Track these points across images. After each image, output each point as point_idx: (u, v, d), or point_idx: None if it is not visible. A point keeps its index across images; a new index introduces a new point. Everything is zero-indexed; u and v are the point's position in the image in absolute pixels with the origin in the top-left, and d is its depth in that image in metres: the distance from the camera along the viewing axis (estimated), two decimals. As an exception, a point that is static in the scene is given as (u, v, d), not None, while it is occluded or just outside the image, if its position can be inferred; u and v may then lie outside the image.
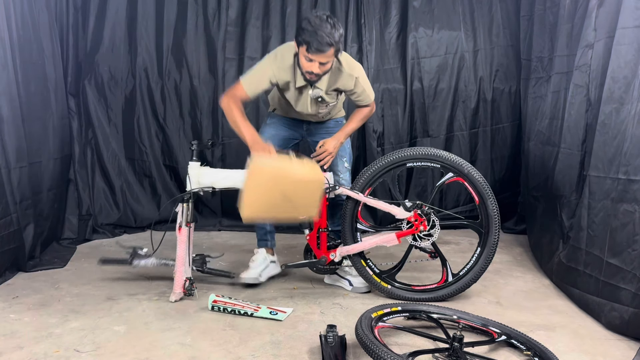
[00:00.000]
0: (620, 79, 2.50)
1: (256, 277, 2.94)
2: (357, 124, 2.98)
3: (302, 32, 2.53)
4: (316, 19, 2.51)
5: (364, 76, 2.85)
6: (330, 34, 2.50)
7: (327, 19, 2.52)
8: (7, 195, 3.01)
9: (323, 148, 2.87)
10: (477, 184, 2.81)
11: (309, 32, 2.50)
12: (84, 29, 4.16)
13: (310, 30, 2.49)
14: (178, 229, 2.83)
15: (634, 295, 2.28)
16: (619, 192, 2.43)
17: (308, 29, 2.50)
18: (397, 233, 2.84)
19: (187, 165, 4.01)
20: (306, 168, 2.63)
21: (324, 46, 2.51)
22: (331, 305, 2.74)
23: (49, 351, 2.20)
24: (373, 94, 2.95)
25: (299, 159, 2.67)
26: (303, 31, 2.53)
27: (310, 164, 2.69)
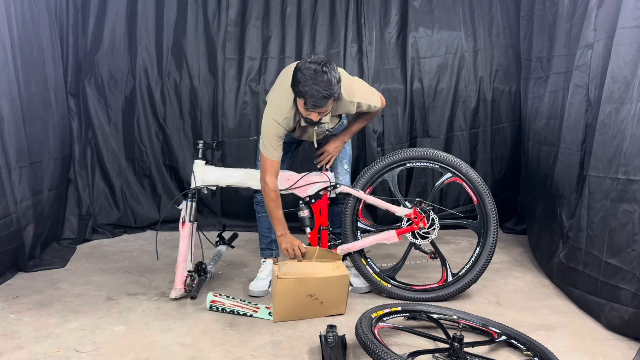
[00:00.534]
0: (620, 79, 2.49)
1: (266, 289, 2.93)
2: (364, 123, 2.95)
3: (298, 85, 2.43)
4: (310, 72, 2.38)
5: (364, 94, 2.75)
6: (326, 86, 2.38)
7: (322, 67, 2.39)
8: (7, 195, 3.01)
9: (323, 149, 2.86)
10: (475, 184, 2.83)
11: (305, 88, 2.40)
12: (84, 29, 4.16)
13: (306, 85, 2.39)
14: (181, 224, 2.88)
15: (633, 295, 2.28)
16: (619, 192, 2.43)
17: (303, 83, 2.40)
18: (397, 230, 2.87)
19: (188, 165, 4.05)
20: (330, 266, 2.65)
21: (321, 101, 2.42)
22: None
23: (48, 351, 2.20)
24: (379, 100, 2.84)
25: (323, 256, 2.72)
26: (298, 84, 2.42)
27: (333, 261, 2.70)
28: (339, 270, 2.62)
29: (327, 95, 2.41)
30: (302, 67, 2.43)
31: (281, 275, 2.50)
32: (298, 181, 2.90)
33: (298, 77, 2.43)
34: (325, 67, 2.41)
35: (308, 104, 2.45)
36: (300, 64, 2.46)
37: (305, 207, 2.89)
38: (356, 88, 2.72)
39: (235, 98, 4.34)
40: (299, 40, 4.35)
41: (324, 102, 2.43)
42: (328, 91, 2.40)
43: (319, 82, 2.38)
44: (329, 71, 2.40)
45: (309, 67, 2.40)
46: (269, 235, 3.04)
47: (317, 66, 2.40)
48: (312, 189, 2.90)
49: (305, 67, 2.41)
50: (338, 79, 2.45)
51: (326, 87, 2.39)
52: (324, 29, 4.34)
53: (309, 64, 2.42)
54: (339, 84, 2.45)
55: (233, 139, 4.33)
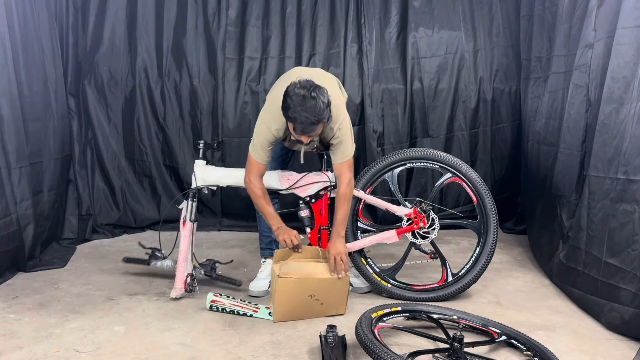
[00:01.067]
0: (620, 79, 2.49)
1: (266, 289, 2.93)
2: (347, 207, 2.72)
3: (287, 110, 2.41)
4: (299, 98, 2.36)
5: (345, 128, 2.64)
6: (314, 112, 2.36)
7: (311, 93, 2.36)
8: (7, 195, 3.01)
9: (334, 255, 2.62)
10: (474, 184, 2.84)
11: (294, 114, 2.38)
12: (83, 29, 4.16)
13: (295, 111, 2.37)
14: (182, 223, 2.89)
15: (634, 295, 2.28)
16: (618, 192, 2.43)
17: (292, 109, 2.38)
18: (397, 230, 2.88)
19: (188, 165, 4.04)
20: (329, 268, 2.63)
21: (309, 127, 2.40)
22: (331, 305, 2.74)
23: (48, 351, 2.20)
24: (351, 150, 2.68)
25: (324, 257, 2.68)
26: (287, 110, 2.41)
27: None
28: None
29: (316, 121, 2.39)
30: (291, 92, 2.41)
31: (282, 275, 2.49)
32: (298, 181, 2.90)
33: (287, 103, 2.41)
34: (314, 92, 2.38)
35: (297, 129, 2.45)
36: (290, 88, 2.43)
37: (306, 206, 2.90)
38: (340, 120, 2.62)
39: (235, 98, 4.34)
40: (299, 40, 4.35)
41: (313, 127, 2.43)
42: (316, 117, 2.38)
43: (308, 108, 2.36)
44: (317, 96, 2.37)
45: (298, 93, 2.38)
46: (269, 235, 3.04)
47: (305, 92, 2.37)
48: (312, 188, 2.90)
49: (294, 93, 2.39)
50: (327, 103, 2.42)
51: (315, 114, 2.37)
52: (324, 29, 4.34)
53: (298, 89, 2.39)
54: (328, 108, 2.43)
55: (233, 139, 4.33)
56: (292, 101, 2.38)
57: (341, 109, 2.66)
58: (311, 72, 2.90)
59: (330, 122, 2.53)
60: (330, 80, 2.88)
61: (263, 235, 3.07)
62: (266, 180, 2.88)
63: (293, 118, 2.40)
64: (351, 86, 4.32)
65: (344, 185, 2.68)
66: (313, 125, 2.40)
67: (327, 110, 2.42)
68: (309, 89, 2.38)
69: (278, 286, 2.50)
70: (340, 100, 2.70)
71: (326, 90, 2.45)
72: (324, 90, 2.44)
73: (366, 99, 4.31)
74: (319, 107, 2.37)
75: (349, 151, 2.67)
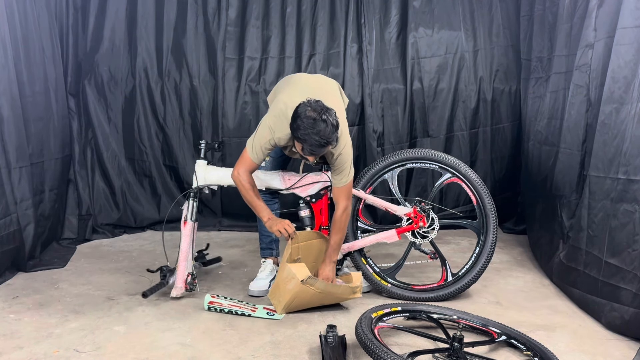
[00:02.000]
0: (620, 79, 2.49)
1: (266, 289, 2.93)
2: (342, 235, 2.77)
3: (297, 131, 2.45)
4: (310, 121, 2.40)
5: (346, 155, 2.67)
6: (324, 135, 2.40)
7: (321, 116, 2.41)
8: (7, 195, 3.01)
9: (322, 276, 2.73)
10: (474, 185, 2.84)
11: (304, 136, 2.42)
12: (83, 29, 4.16)
13: (305, 134, 2.41)
14: (183, 222, 2.91)
15: (634, 295, 2.28)
16: (619, 192, 2.43)
17: (302, 131, 2.42)
18: (397, 229, 2.88)
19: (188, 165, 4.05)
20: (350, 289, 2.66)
21: (318, 149, 2.46)
22: (331, 305, 2.74)
23: (48, 351, 2.20)
24: (350, 176, 2.72)
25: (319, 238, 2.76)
26: (297, 131, 2.45)
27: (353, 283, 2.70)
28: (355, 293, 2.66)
29: (325, 144, 2.45)
30: (302, 114, 2.44)
31: (306, 282, 2.51)
32: (298, 181, 2.91)
33: (298, 124, 2.45)
34: (324, 114, 2.43)
35: (305, 150, 2.50)
36: (301, 109, 2.46)
37: (306, 206, 2.91)
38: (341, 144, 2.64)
39: (235, 98, 4.34)
40: (299, 40, 4.35)
41: (321, 150, 2.49)
42: (326, 140, 2.43)
43: (318, 132, 2.41)
44: (327, 119, 2.42)
45: (309, 116, 2.42)
46: (269, 234, 3.04)
47: (317, 115, 2.42)
48: (312, 188, 2.91)
49: (305, 116, 2.43)
50: (336, 126, 2.47)
51: (324, 136, 2.42)
52: (324, 29, 4.34)
53: (309, 111, 2.43)
54: (336, 132, 2.48)
55: (233, 139, 4.33)
56: (303, 123, 2.42)
57: (343, 135, 2.67)
58: (316, 79, 2.95)
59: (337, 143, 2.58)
60: (332, 87, 2.90)
61: (263, 234, 3.07)
62: (267, 180, 2.90)
63: (303, 140, 2.46)
64: (351, 86, 4.33)
65: (340, 211, 2.73)
66: (322, 147, 2.47)
67: (336, 133, 2.48)
68: (320, 112, 2.43)
69: (295, 289, 2.52)
70: (343, 123, 2.70)
71: (335, 112, 2.50)
72: (333, 112, 2.49)
73: (366, 99, 4.31)
74: (329, 130, 2.43)
75: (347, 177, 2.71)
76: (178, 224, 3.00)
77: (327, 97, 2.66)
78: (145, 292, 2.71)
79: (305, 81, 2.85)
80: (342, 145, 2.65)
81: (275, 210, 3.00)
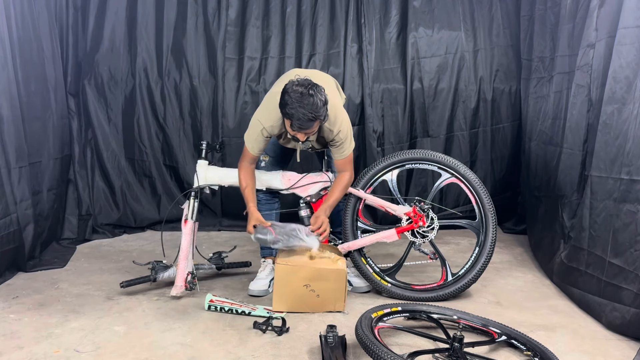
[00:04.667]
0: (622, 79, 2.49)
1: (265, 289, 2.93)
2: (340, 193, 2.81)
3: (285, 107, 2.46)
4: (297, 95, 2.41)
5: (345, 130, 2.70)
6: (312, 109, 2.41)
7: (309, 90, 2.41)
8: (6, 195, 3.01)
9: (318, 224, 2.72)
10: (473, 185, 2.86)
11: (291, 110, 2.43)
12: (83, 29, 4.16)
13: (292, 107, 2.42)
14: (184, 221, 2.91)
15: (635, 296, 2.28)
16: (622, 192, 2.43)
17: (290, 106, 2.43)
18: (397, 229, 2.88)
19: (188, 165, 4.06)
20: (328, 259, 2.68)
21: (307, 123, 2.46)
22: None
23: (48, 351, 2.20)
24: (351, 147, 2.78)
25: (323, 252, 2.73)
26: (285, 106, 2.46)
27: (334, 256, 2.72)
28: (337, 264, 2.65)
29: (313, 117, 2.44)
30: (289, 89, 2.46)
31: (279, 262, 2.60)
32: (299, 181, 2.91)
33: (285, 99, 2.46)
34: (312, 90, 2.43)
35: (294, 126, 2.50)
36: (288, 85, 2.48)
37: (306, 206, 2.91)
38: (339, 122, 2.67)
39: (235, 98, 4.34)
40: (299, 40, 4.35)
41: (310, 124, 2.48)
42: (314, 114, 2.43)
43: (305, 105, 2.41)
44: (315, 94, 2.43)
45: (296, 90, 2.43)
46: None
47: (303, 89, 2.43)
48: (312, 188, 2.91)
49: (292, 90, 2.44)
50: (324, 101, 2.47)
51: (312, 110, 2.42)
52: (324, 29, 4.34)
53: (296, 86, 2.44)
54: (325, 107, 2.48)
55: (233, 139, 4.33)
56: (290, 98, 2.43)
57: (339, 110, 2.71)
58: (308, 73, 2.92)
59: (327, 120, 2.58)
60: (327, 81, 2.91)
61: None
62: (268, 180, 2.90)
63: (290, 114, 2.45)
64: (351, 86, 4.33)
65: (347, 175, 2.80)
66: (310, 121, 2.46)
67: (324, 108, 2.48)
68: (307, 87, 2.44)
69: (276, 273, 2.62)
70: (337, 100, 2.74)
71: (323, 89, 2.50)
72: (322, 88, 2.49)
73: (366, 98, 4.31)
74: (316, 104, 2.42)
75: (349, 149, 2.77)
76: (178, 224, 3.00)
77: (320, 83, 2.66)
78: (123, 283, 2.80)
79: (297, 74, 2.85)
80: (340, 121, 2.67)
81: (275, 210, 3.00)
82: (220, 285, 3.06)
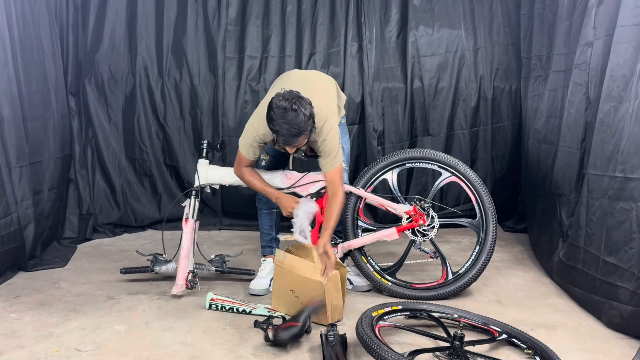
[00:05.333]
0: (619, 77, 2.49)
1: (266, 288, 2.94)
2: (336, 218, 2.70)
3: (270, 122, 2.47)
4: (280, 111, 2.40)
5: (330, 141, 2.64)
6: (295, 124, 2.40)
7: (292, 105, 2.40)
8: (7, 194, 3.01)
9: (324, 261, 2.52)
10: (473, 184, 2.86)
11: (276, 127, 2.44)
12: (84, 28, 4.16)
13: (277, 124, 2.42)
14: (185, 220, 2.92)
15: (632, 294, 2.28)
16: (616, 190, 2.43)
17: (275, 121, 2.43)
18: (398, 227, 2.88)
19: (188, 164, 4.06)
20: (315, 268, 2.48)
21: (290, 139, 2.46)
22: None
23: (49, 350, 2.21)
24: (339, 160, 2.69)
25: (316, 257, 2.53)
26: (270, 122, 2.46)
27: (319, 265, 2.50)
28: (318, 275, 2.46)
29: (297, 133, 2.44)
30: (273, 105, 2.45)
31: (276, 261, 2.62)
32: (300, 180, 2.91)
33: (270, 115, 2.46)
34: (296, 104, 2.42)
35: (279, 141, 2.52)
36: (274, 99, 2.47)
37: (307, 205, 2.91)
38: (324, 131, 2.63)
39: (236, 97, 4.35)
40: (299, 39, 4.35)
41: (294, 139, 2.48)
42: (297, 129, 2.43)
43: (289, 121, 2.41)
44: (298, 109, 2.41)
45: (280, 106, 2.42)
46: (269, 232, 3.06)
47: (287, 104, 2.41)
48: (313, 187, 2.91)
49: (276, 106, 2.43)
50: (309, 115, 2.45)
51: (296, 126, 2.41)
52: (324, 28, 4.34)
53: (280, 101, 2.43)
54: (310, 121, 2.47)
55: (233, 138, 4.32)
56: (275, 113, 2.43)
57: (329, 120, 2.64)
58: (308, 74, 2.94)
59: (313, 133, 2.58)
60: (323, 80, 2.90)
61: (264, 232, 3.08)
62: (269, 179, 2.90)
63: (275, 130, 2.47)
64: (351, 85, 4.32)
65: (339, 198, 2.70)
66: (294, 137, 2.46)
67: (309, 122, 2.47)
68: (291, 101, 2.43)
69: (274, 272, 2.66)
70: (328, 110, 2.67)
71: (309, 102, 2.49)
72: (306, 101, 2.48)
73: (366, 97, 4.31)
74: (300, 119, 2.42)
75: (334, 160, 2.68)
76: (178, 223, 3.01)
77: (314, 90, 2.66)
78: (122, 269, 2.95)
79: (295, 78, 2.85)
80: (327, 130, 2.63)
81: (276, 209, 3.00)
82: (221, 284, 3.06)
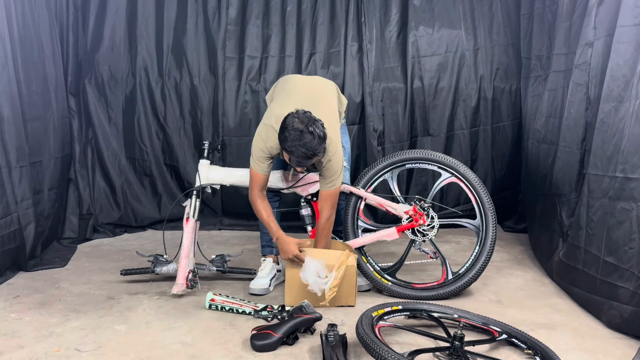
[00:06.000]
0: (620, 77, 2.49)
1: (266, 287, 2.94)
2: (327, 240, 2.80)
3: (284, 142, 2.49)
4: (296, 133, 2.43)
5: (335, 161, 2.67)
6: (310, 147, 2.44)
7: (308, 127, 2.43)
8: (7, 194, 3.01)
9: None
10: (473, 184, 2.87)
11: (291, 148, 2.46)
12: (84, 28, 4.16)
13: (292, 145, 2.45)
14: (185, 220, 2.93)
15: (632, 294, 2.28)
16: (616, 190, 2.43)
17: (289, 143, 2.45)
18: (398, 227, 2.89)
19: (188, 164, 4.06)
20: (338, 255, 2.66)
21: (305, 160, 2.49)
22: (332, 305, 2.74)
23: (49, 350, 2.21)
24: (339, 182, 2.73)
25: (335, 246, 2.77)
26: (285, 142, 2.48)
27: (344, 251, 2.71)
28: (347, 260, 2.65)
29: (311, 155, 2.48)
30: (289, 126, 2.46)
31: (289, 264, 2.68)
32: (300, 180, 2.91)
33: (285, 135, 2.48)
34: (311, 126, 2.44)
35: (292, 161, 2.55)
36: (288, 120, 2.48)
37: (307, 205, 2.92)
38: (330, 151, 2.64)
39: (236, 97, 4.35)
40: (299, 39, 4.35)
41: (308, 161, 2.53)
42: (312, 152, 2.46)
43: (304, 144, 2.44)
44: (314, 131, 2.44)
45: (296, 128, 2.44)
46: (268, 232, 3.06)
47: (303, 127, 2.44)
48: (313, 187, 2.91)
49: (292, 128, 2.45)
50: (323, 137, 2.48)
51: (310, 148, 2.45)
52: (324, 28, 4.34)
53: (296, 123, 2.45)
54: (323, 143, 2.50)
55: (233, 138, 4.33)
56: (290, 135, 2.45)
57: (334, 142, 2.67)
58: (312, 82, 2.96)
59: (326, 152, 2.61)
60: (327, 91, 2.91)
61: (264, 232, 3.08)
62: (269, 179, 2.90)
63: (290, 151, 2.50)
64: (351, 85, 4.33)
65: (324, 220, 2.75)
66: (309, 159, 2.50)
67: (323, 144, 2.51)
68: (307, 124, 2.45)
69: (287, 268, 2.70)
70: (334, 132, 2.70)
71: (322, 124, 2.51)
72: (320, 123, 2.50)
73: (366, 97, 4.31)
74: (315, 142, 2.45)
75: (335, 183, 2.72)
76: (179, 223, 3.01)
77: (321, 105, 2.70)
78: (122, 271, 2.97)
79: (299, 90, 2.85)
80: (332, 152, 2.65)
81: (276, 209, 3.00)
82: (221, 284, 3.06)
